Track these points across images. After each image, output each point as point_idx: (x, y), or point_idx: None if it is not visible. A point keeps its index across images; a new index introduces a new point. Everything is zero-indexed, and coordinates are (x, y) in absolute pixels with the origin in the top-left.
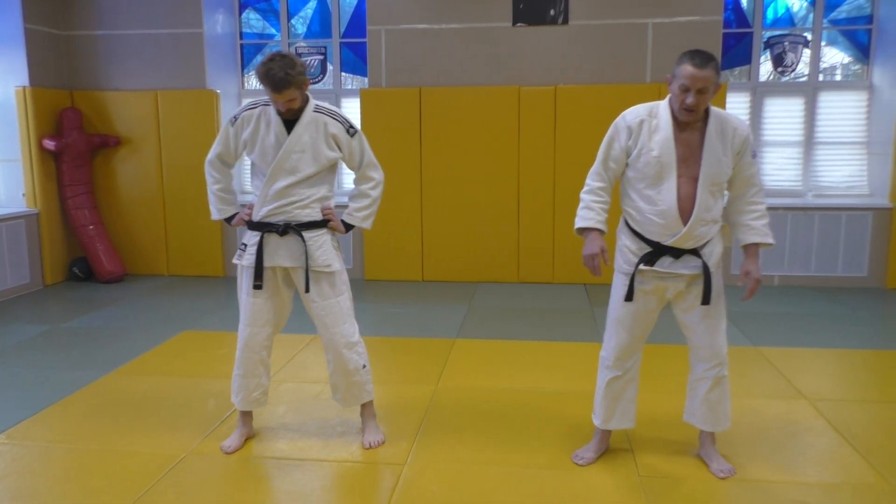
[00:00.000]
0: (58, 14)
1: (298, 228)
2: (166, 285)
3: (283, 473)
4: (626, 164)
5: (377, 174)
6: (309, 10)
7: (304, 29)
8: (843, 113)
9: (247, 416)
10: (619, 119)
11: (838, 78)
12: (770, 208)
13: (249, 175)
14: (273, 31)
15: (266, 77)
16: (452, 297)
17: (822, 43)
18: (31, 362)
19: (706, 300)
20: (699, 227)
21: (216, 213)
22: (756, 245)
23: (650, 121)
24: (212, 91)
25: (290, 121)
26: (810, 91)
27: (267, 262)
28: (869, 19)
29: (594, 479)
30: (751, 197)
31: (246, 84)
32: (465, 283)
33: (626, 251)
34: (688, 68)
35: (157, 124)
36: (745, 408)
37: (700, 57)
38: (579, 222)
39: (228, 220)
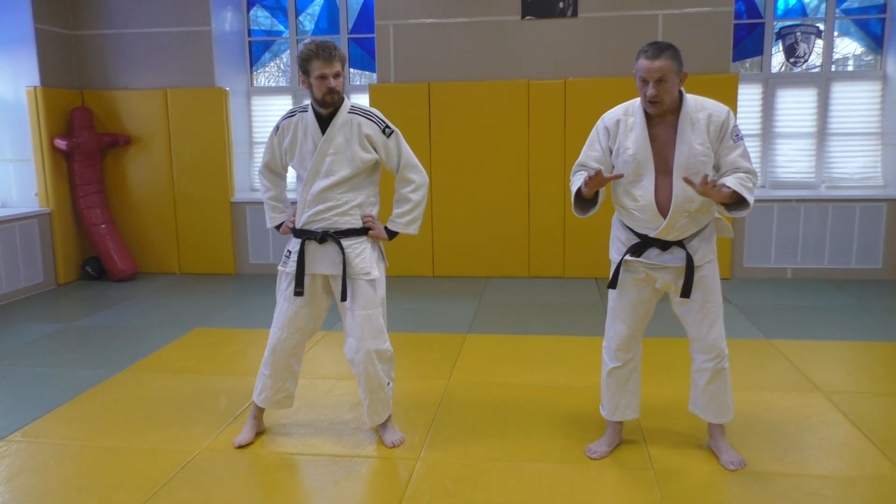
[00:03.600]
0: (67, 14)
1: (337, 236)
2: (178, 283)
3: (297, 469)
4: (612, 165)
5: (417, 176)
6: (317, 6)
7: (312, 25)
8: (856, 103)
9: (259, 411)
10: (598, 121)
11: (851, 68)
12: (783, 200)
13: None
14: (281, 27)
15: (316, 50)
16: (463, 292)
17: (835, 33)
18: (44, 361)
19: (686, 293)
20: (680, 219)
21: (268, 221)
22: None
23: (626, 119)
24: (221, 88)
25: (325, 123)
26: (823, 82)
27: (308, 270)
28: (882, 8)
29: (607, 473)
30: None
31: (255, 81)
32: (475, 279)
33: (617, 241)
34: (642, 62)
35: (166, 122)
36: (759, 401)
37: (654, 48)
38: (574, 188)
39: (277, 228)
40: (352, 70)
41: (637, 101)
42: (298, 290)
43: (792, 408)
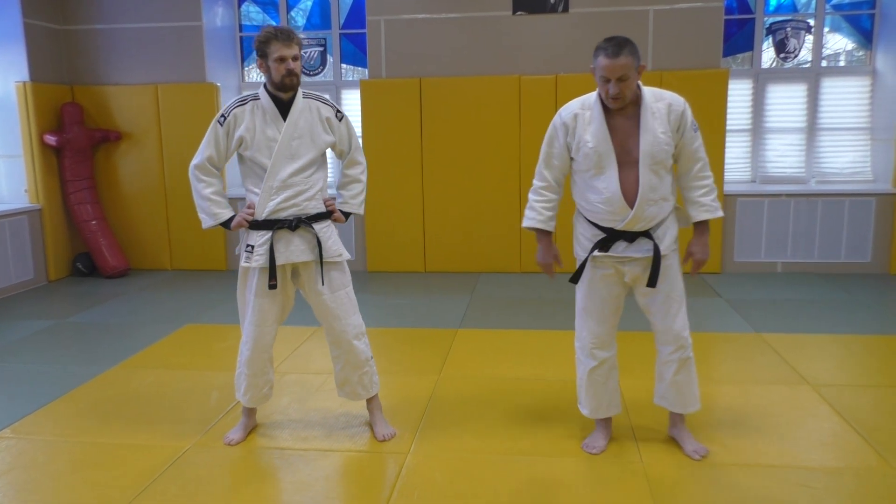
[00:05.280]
0: (57, 8)
1: (309, 221)
2: (169, 279)
3: (287, 464)
4: (572, 159)
5: (363, 158)
6: (308, 1)
7: (304, 21)
8: (846, 99)
9: (251, 409)
10: (555, 117)
11: (841, 64)
12: (773, 195)
13: (241, 177)
14: (273, 23)
15: (275, 32)
16: (455, 287)
17: (825, 29)
18: (35, 357)
19: (652, 283)
20: (647, 207)
21: (210, 219)
22: (706, 222)
23: (583, 113)
24: (212, 84)
25: (283, 109)
26: (813, 77)
27: (280, 260)
28: (872, 4)
29: (597, 465)
30: (697, 172)
31: (246, 77)
32: (467, 274)
33: (582, 238)
34: (602, 60)
35: (157, 118)
36: (748, 394)
37: (613, 46)
38: (524, 222)
39: (226, 223)
40: (343, 66)
41: (593, 94)
42: (273, 284)
43: (781, 401)
